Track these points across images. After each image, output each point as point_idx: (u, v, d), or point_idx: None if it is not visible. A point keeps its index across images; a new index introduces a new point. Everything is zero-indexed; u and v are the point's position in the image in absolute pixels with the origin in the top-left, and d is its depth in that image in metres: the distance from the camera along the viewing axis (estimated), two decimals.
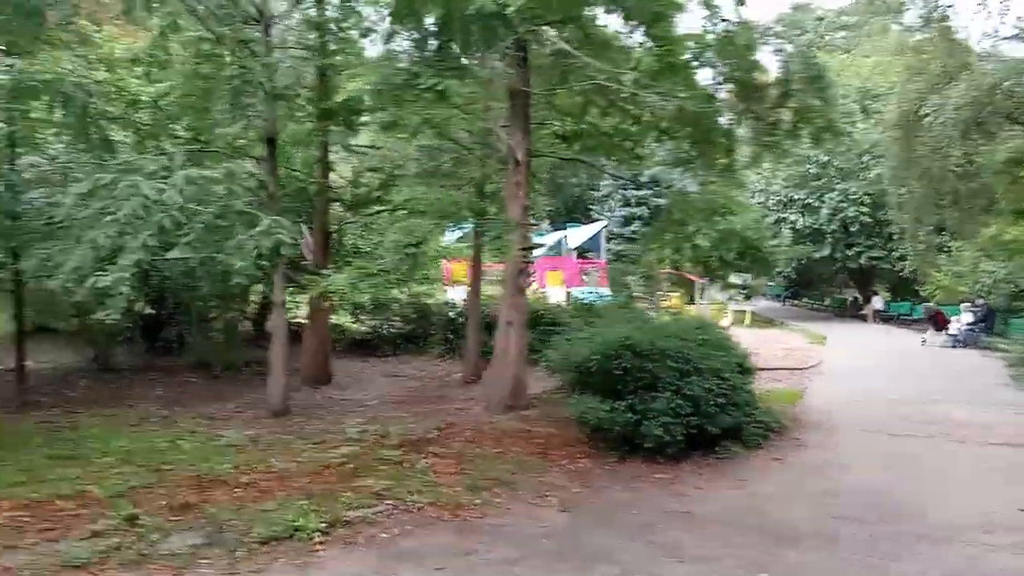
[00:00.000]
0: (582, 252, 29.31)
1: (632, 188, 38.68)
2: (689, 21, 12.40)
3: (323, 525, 5.97)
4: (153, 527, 5.80)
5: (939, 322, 21.34)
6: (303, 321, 17.40)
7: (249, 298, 14.40)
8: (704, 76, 9.80)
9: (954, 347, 19.77)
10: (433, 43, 7.07)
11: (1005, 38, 19.99)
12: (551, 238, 27.00)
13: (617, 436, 7.93)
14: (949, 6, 18.86)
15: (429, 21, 6.93)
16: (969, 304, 21.11)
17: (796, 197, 31.08)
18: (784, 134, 9.10)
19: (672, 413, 7.70)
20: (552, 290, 23.68)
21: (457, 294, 18.21)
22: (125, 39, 14.28)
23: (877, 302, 31.08)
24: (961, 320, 20.60)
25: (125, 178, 6.74)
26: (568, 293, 23.37)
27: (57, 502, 6.22)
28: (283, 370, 9.57)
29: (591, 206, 41.32)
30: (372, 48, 11.06)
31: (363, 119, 11.31)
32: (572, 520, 6.34)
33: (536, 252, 27.59)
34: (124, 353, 13.09)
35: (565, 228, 30.31)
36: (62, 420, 9.49)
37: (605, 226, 32.28)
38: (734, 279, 17.39)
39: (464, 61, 7.38)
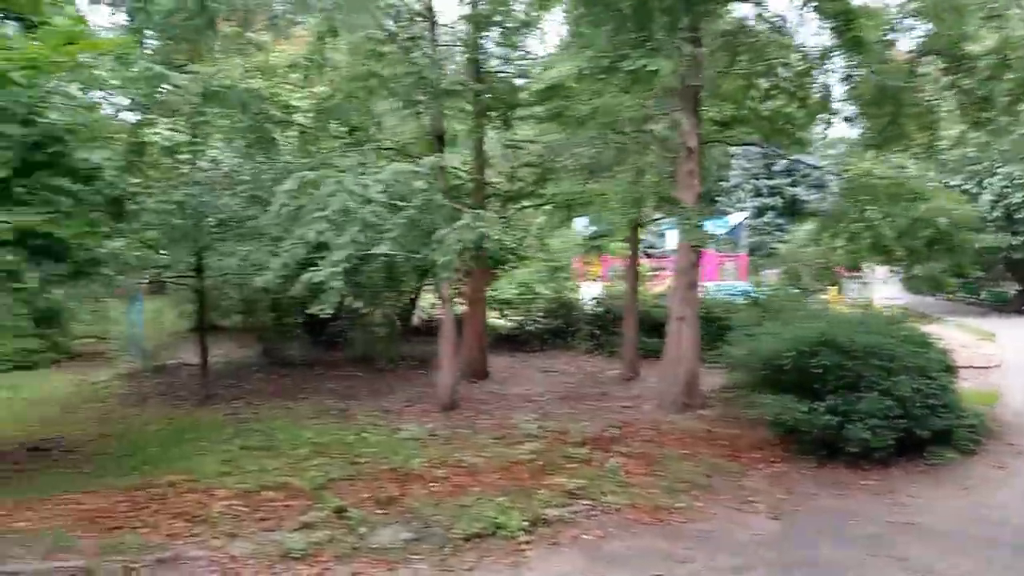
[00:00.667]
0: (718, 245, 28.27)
1: (765, 178, 37.14)
2: None
3: (525, 524, 5.85)
4: (361, 520, 5.85)
5: None
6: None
7: (404, 294, 14.64)
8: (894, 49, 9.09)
9: None
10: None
11: None
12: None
13: (815, 439, 7.40)
14: None
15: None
16: None
17: (952, 183, 28.75)
18: (1001, 110, 8.18)
19: (880, 415, 7.09)
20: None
21: (590, 290, 17.96)
22: (277, 47, 14.89)
23: None
24: None
25: (330, 175, 6.87)
26: (705, 287, 22.56)
27: (266, 493, 6.40)
28: (452, 365, 9.59)
29: (717, 197, 39.97)
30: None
31: (520, 114, 11.25)
32: (786, 528, 5.92)
33: (668, 246, 27.00)
34: (290, 348, 13.60)
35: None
36: (245, 412, 9.90)
37: (745, 218, 30.99)
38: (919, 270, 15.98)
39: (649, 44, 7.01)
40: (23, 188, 5.76)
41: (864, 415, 7.14)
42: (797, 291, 15.28)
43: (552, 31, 12.15)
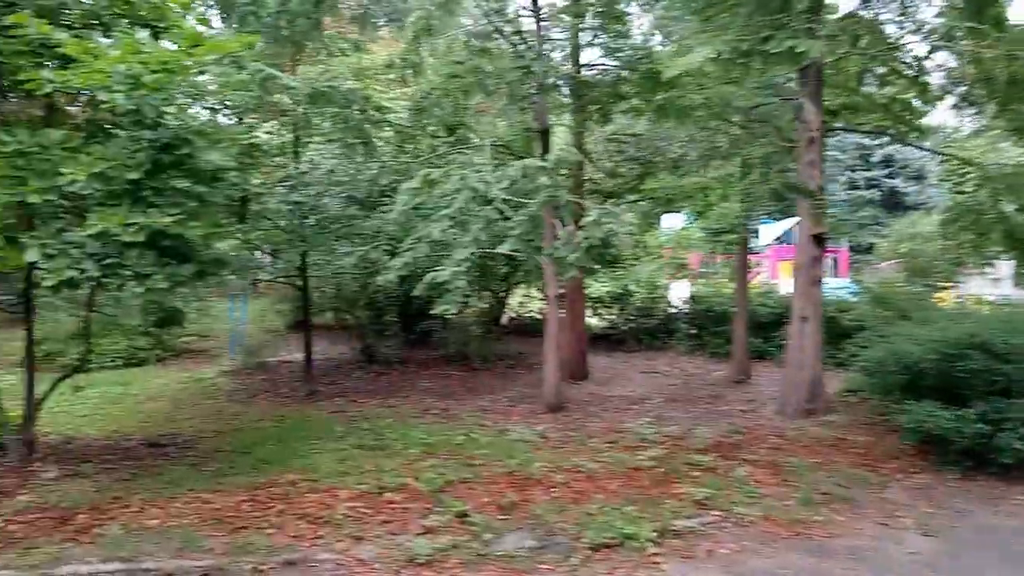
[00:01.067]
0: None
1: (862, 169, 35.54)
2: None
3: (654, 535, 5.57)
4: (484, 526, 5.68)
5: None
6: (538, 316, 17.62)
7: (499, 292, 14.51)
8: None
9: None
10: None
11: None
12: (780, 226, 25.19)
13: (960, 448, 6.83)
14: None
15: None
16: None
17: None
18: None
19: None
20: (784, 281, 22.03)
21: (680, 288, 17.41)
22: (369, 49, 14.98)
23: None
24: None
25: (454, 172, 6.75)
26: None
27: (386, 494, 6.31)
28: (557, 365, 9.36)
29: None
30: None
31: (620, 107, 10.90)
32: (946, 547, 5.44)
33: (764, 242, 26.02)
34: (385, 346, 13.64)
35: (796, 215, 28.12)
36: (350, 410, 9.92)
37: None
38: None
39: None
40: (152, 190, 5.82)
41: (1018, 422, 6.55)
42: (922, 289, 14.40)
43: (641, 21, 11.51)
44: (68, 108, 7.20)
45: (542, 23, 9.37)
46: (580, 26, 10.30)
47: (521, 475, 6.72)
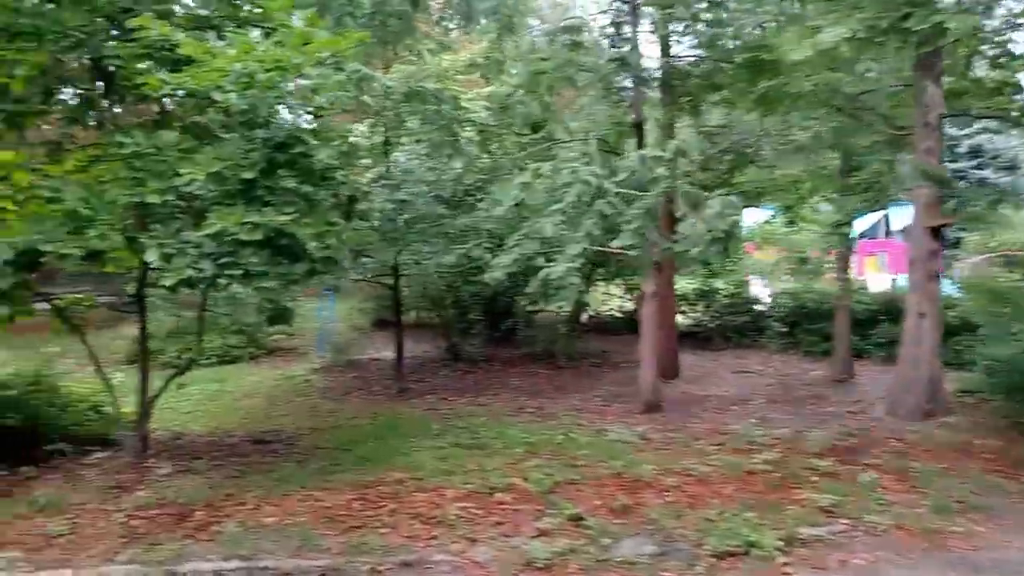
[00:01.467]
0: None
1: (947, 160, 33.82)
2: None
3: (780, 543, 5.30)
4: (600, 529, 5.52)
5: None
6: (618, 314, 17.35)
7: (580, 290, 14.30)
8: None
9: None
10: None
11: None
12: (866, 221, 24.15)
13: None
14: None
15: None
16: None
17: None
18: None
19: None
20: (872, 277, 21.09)
21: (762, 285, 16.85)
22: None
23: None
24: None
25: (563, 165, 6.61)
26: (893, 280, 20.67)
27: (496, 495, 6.22)
28: (653, 364, 9.11)
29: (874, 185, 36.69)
30: None
31: (713, 98, 10.58)
32: None
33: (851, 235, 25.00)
34: (470, 344, 13.61)
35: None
36: (442, 408, 9.90)
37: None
38: None
39: None
40: (265, 189, 5.86)
41: None
42: None
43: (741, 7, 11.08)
44: (175, 111, 7.33)
45: (640, 12, 9.13)
46: (671, 15, 10.03)
47: (629, 477, 6.53)
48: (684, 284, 14.97)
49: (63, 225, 6.13)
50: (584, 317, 16.82)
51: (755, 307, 14.87)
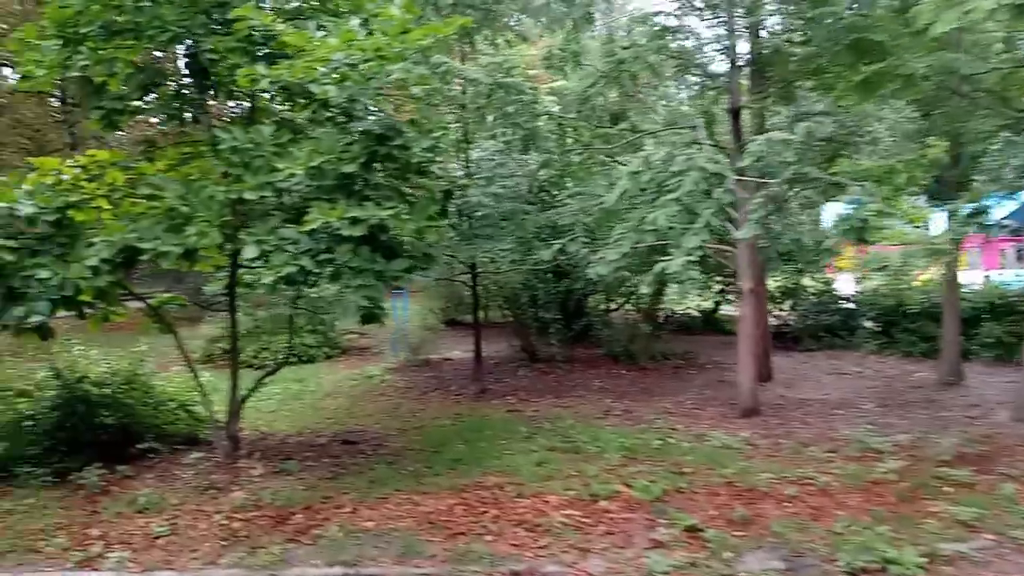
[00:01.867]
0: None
1: None
2: None
3: (921, 559, 4.84)
4: (720, 542, 5.15)
5: None
6: (694, 313, 16.84)
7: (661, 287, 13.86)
8: None
9: None
10: None
11: None
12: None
13: None
14: None
15: None
16: None
17: None
18: None
19: None
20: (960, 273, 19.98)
21: (847, 283, 16.08)
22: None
23: None
24: None
25: (678, 152, 6.27)
26: (986, 277, 19.57)
27: (600, 502, 5.91)
28: (751, 366, 8.66)
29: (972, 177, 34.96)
30: None
31: (808, 83, 10.03)
32: None
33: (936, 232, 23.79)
34: (546, 343, 13.31)
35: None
36: (525, 408, 9.64)
37: None
38: None
39: None
40: (364, 183, 5.69)
41: None
42: None
43: None
44: (266, 106, 7.24)
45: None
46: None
47: (743, 486, 6.13)
48: (769, 282, 14.36)
49: (160, 223, 6.08)
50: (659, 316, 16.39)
51: (846, 305, 14.20)
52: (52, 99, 18.97)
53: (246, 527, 5.62)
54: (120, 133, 17.31)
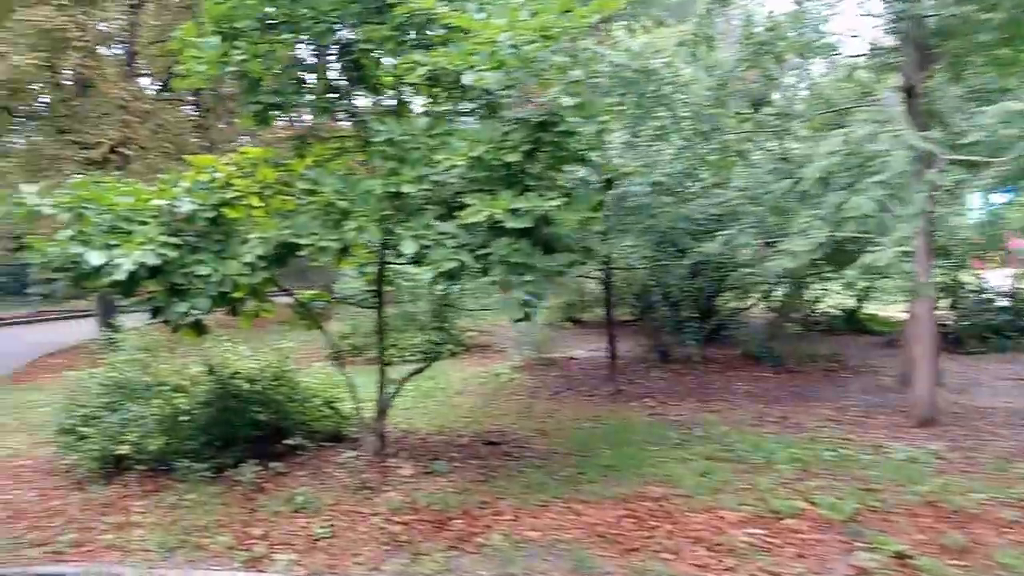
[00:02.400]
0: None
1: None
2: None
3: None
4: (936, 573, 4.52)
5: None
6: (835, 312, 15.74)
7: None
8: None
9: None
10: None
11: None
12: None
13: None
14: None
15: None
16: None
17: None
18: None
19: None
20: None
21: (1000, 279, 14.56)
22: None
23: None
24: None
25: (883, 130, 5.65)
26: None
27: (784, 520, 5.36)
28: (930, 371, 7.82)
29: None
30: None
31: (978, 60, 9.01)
32: None
33: None
34: (679, 343, 12.69)
35: None
36: (668, 412, 9.13)
37: None
38: None
39: None
40: (525, 173, 5.37)
41: None
42: None
43: None
44: (413, 96, 7.05)
45: None
46: None
47: (946, 507, 5.43)
48: None
49: (315, 218, 5.98)
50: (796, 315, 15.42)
51: (1005, 303, 12.86)
52: (186, 106, 19.92)
53: (405, 531, 5.43)
54: (254, 135, 17.97)
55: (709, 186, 9.50)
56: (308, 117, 7.34)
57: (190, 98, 19.57)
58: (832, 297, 15.11)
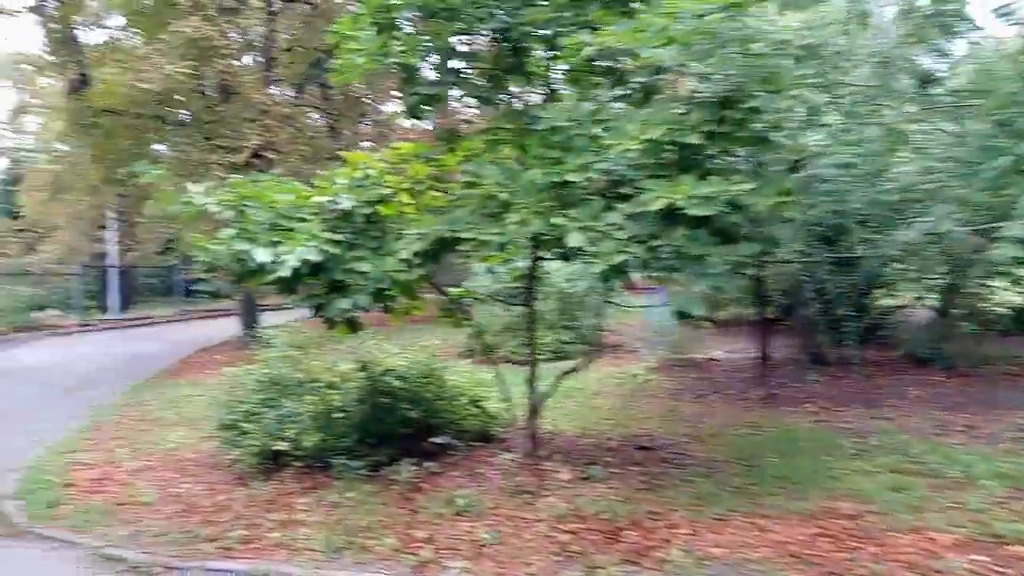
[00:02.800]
0: None
1: None
2: None
3: None
4: None
5: None
6: (1001, 310, 14.28)
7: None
8: None
9: None
10: None
11: None
12: None
13: None
14: None
15: None
16: None
17: None
18: None
19: None
20: None
21: None
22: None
23: None
24: None
25: None
26: None
27: (1007, 546, 4.69)
28: None
29: None
30: None
31: None
32: None
33: None
34: (833, 344, 11.79)
35: None
36: (832, 419, 8.42)
37: None
38: None
39: None
40: (705, 155, 4.95)
41: None
42: None
43: None
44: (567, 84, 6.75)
45: None
46: None
47: None
48: None
49: (474, 212, 5.79)
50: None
51: None
52: (314, 111, 20.51)
53: (575, 541, 5.12)
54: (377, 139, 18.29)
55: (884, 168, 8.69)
56: (456, 110, 7.19)
57: (319, 105, 20.18)
58: (998, 294, 13.70)
